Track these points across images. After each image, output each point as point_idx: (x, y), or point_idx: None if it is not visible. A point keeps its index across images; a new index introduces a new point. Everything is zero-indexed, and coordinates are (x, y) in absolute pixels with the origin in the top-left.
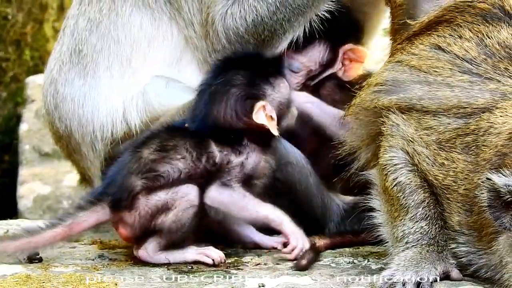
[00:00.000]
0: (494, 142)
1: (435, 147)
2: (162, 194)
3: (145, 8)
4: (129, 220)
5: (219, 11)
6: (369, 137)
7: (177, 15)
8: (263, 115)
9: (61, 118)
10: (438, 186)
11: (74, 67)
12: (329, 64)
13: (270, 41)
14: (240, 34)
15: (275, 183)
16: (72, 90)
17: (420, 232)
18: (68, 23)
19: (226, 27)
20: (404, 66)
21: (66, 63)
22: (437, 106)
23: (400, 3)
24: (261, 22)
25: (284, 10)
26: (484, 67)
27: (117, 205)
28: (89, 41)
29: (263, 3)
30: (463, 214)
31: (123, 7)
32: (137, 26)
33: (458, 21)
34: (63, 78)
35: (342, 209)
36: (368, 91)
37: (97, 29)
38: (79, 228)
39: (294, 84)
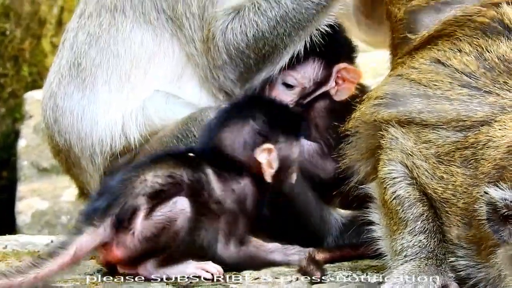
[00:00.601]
0: (493, 156)
1: (434, 161)
2: (163, 209)
3: (147, 25)
4: (128, 241)
5: (219, 27)
6: (369, 151)
7: (178, 32)
8: (265, 157)
9: (60, 131)
10: (437, 200)
11: (73, 81)
12: (323, 82)
13: (271, 56)
14: (241, 49)
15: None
16: (71, 103)
17: (419, 245)
18: (68, 36)
19: (226, 42)
20: (404, 79)
21: (65, 77)
22: (436, 120)
23: (400, 18)
24: (262, 37)
25: (285, 24)
26: (483, 80)
27: (120, 225)
28: (88, 55)
29: (264, 17)
30: (462, 228)
31: (123, 22)
32: (138, 42)
33: (457, 35)
34: (62, 91)
35: (341, 223)
36: (368, 105)
37: (97, 43)
38: (83, 253)
39: (288, 101)
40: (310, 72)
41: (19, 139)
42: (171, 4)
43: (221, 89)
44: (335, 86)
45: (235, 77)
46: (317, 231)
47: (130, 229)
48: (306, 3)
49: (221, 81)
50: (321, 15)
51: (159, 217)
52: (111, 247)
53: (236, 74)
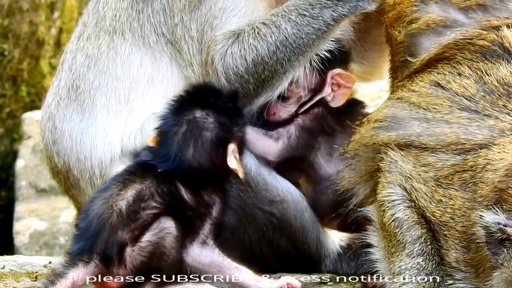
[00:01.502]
0: (491, 179)
1: (433, 184)
2: (146, 237)
3: (146, 48)
4: (121, 273)
5: (219, 51)
6: (368, 173)
7: (177, 56)
8: (234, 158)
9: (59, 153)
10: (435, 223)
11: (72, 103)
12: (318, 89)
13: (270, 81)
14: (240, 73)
15: (271, 219)
16: (70, 126)
17: (416, 268)
18: (66, 58)
19: (225, 66)
20: (404, 103)
21: (64, 99)
22: (436, 143)
23: (401, 41)
24: (261, 61)
25: (285, 50)
26: (482, 104)
27: (108, 261)
28: (87, 77)
29: (263, 42)
30: (461, 251)
31: (122, 45)
32: (137, 64)
33: (457, 58)
34: (61, 113)
35: (339, 245)
36: (368, 127)
37: (95, 66)
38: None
39: (286, 112)
40: (304, 81)
41: (17, 160)
42: (171, 28)
43: None
44: (331, 93)
45: None
46: (314, 253)
47: (120, 263)
48: (307, 28)
49: None
50: (321, 40)
51: (146, 245)
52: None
53: None
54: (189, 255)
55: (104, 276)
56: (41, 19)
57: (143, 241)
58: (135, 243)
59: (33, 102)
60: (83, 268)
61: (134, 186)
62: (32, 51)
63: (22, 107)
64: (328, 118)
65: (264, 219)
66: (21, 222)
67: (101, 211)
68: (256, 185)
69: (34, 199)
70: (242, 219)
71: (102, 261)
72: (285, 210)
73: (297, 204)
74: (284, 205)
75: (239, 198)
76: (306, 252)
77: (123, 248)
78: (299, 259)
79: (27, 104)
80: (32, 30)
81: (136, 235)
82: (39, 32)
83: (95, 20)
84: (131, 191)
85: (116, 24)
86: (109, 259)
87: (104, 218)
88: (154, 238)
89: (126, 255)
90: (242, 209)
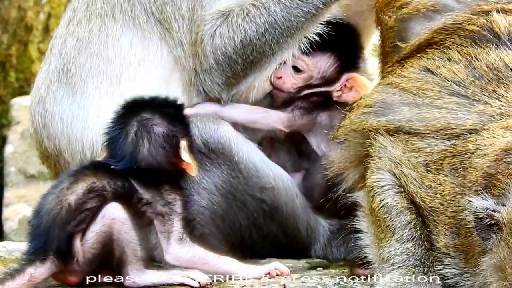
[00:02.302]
0: (481, 164)
1: (422, 169)
2: (92, 228)
3: (136, 28)
4: (76, 267)
5: (207, 31)
6: (357, 159)
7: (167, 35)
8: (186, 154)
9: (50, 137)
10: (425, 208)
11: (63, 86)
12: (330, 82)
13: (259, 63)
14: (228, 54)
15: (262, 206)
16: (61, 109)
17: (406, 253)
18: (56, 42)
19: (214, 46)
20: (394, 88)
21: (54, 82)
22: (425, 128)
23: (391, 26)
24: (249, 43)
25: (273, 32)
26: (472, 89)
27: (63, 257)
28: (78, 61)
29: (252, 24)
30: (450, 236)
31: (113, 27)
32: (128, 45)
33: (447, 43)
34: (51, 97)
35: (329, 231)
36: (357, 113)
37: (87, 49)
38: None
39: (292, 84)
40: (322, 65)
41: (6, 145)
42: (160, 6)
43: (208, 93)
44: (339, 91)
45: (222, 81)
46: (305, 239)
47: (73, 257)
48: (296, 11)
49: (208, 85)
50: (310, 23)
51: (93, 237)
52: (65, 275)
53: (223, 79)
54: (169, 254)
55: (63, 270)
56: (30, 4)
57: (89, 232)
58: (84, 237)
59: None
60: (40, 265)
61: (85, 180)
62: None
63: (11, 92)
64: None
65: (255, 205)
66: (10, 208)
67: (51, 206)
68: (247, 172)
69: (23, 185)
70: (232, 206)
71: (57, 257)
72: (276, 197)
73: (288, 190)
74: (275, 192)
75: (230, 185)
76: (297, 238)
77: (73, 243)
78: (289, 245)
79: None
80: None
81: (83, 228)
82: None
83: (85, 4)
84: (82, 184)
85: (107, 7)
86: (64, 254)
87: (54, 214)
88: (100, 227)
89: (77, 250)
90: (233, 195)
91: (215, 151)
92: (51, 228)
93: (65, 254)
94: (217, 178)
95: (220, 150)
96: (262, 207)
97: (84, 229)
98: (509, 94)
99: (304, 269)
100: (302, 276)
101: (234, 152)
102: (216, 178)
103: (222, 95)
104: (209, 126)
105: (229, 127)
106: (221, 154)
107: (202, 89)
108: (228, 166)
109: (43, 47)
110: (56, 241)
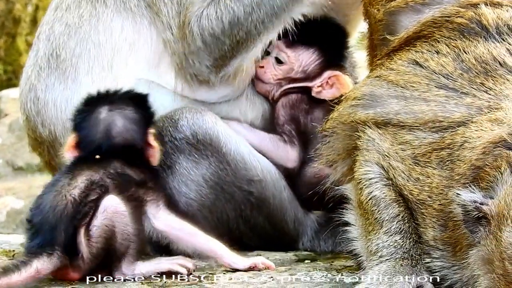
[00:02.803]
0: (469, 157)
1: (410, 162)
2: (96, 222)
3: (127, 12)
4: (81, 263)
5: (195, 12)
6: (346, 151)
7: (156, 19)
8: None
9: (44, 123)
10: (413, 201)
11: (53, 72)
12: (310, 77)
13: (245, 43)
14: (215, 35)
15: (249, 198)
16: (54, 95)
17: (394, 245)
18: (43, 29)
19: (201, 27)
20: (382, 81)
21: (44, 69)
22: (413, 121)
23: (380, 19)
24: (237, 23)
25: (259, 11)
26: (460, 82)
27: (71, 252)
28: (68, 46)
29: (240, 3)
30: (438, 229)
31: (104, 12)
32: (118, 30)
33: (435, 36)
34: (43, 83)
35: (316, 223)
36: (346, 105)
37: (76, 34)
38: (42, 274)
39: (272, 75)
40: (305, 59)
41: None
42: None
43: (196, 76)
44: (319, 87)
45: (209, 63)
46: (292, 231)
47: (78, 252)
48: None
49: (196, 68)
50: (295, 3)
51: (96, 231)
52: (68, 271)
53: (211, 60)
54: (159, 219)
55: (67, 266)
56: None
57: (92, 226)
58: (88, 232)
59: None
60: (47, 259)
61: (83, 174)
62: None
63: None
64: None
65: (242, 197)
66: None
67: (55, 203)
68: (235, 164)
69: (11, 177)
70: (220, 198)
71: (64, 253)
72: (263, 189)
73: (275, 182)
74: (263, 184)
75: (218, 177)
76: (284, 230)
77: (78, 238)
78: (276, 237)
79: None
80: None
81: (87, 221)
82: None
83: None
84: (82, 178)
85: None
86: (71, 250)
87: (60, 209)
88: (101, 221)
89: (82, 245)
90: (220, 187)
91: (203, 142)
92: (58, 223)
93: (72, 249)
94: (205, 170)
95: (208, 142)
96: (250, 199)
97: (88, 222)
98: (497, 87)
99: (292, 262)
100: (290, 268)
101: (222, 143)
102: (204, 169)
103: (211, 77)
104: (198, 117)
105: (218, 119)
106: (209, 146)
107: (192, 73)
108: (216, 158)
109: (31, 39)
110: (63, 235)
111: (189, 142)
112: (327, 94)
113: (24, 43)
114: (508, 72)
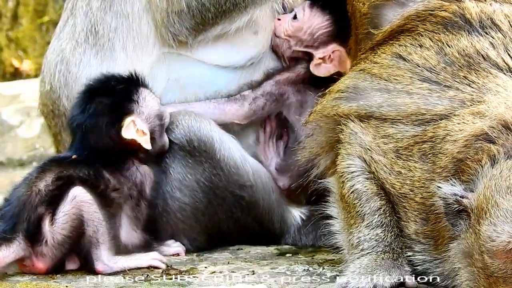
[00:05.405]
0: (450, 150)
1: (392, 156)
2: (62, 209)
3: None
4: (45, 250)
5: None
6: (329, 145)
7: None
8: (134, 130)
9: (70, 96)
10: (395, 195)
11: (91, 48)
12: (315, 45)
13: (230, 14)
14: (202, 1)
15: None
16: (89, 71)
17: (375, 239)
18: (79, 5)
19: None
20: (366, 74)
21: (81, 44)
22: (396, 113)
23: (365, 12)
24: None
25: None
26: (443, 75)
27: (31, 237)
28: (105, 21)
29: None
30: (420, 223)
31: None
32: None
33: (419, 30)
34: (78, 58)
35: (299, 219)
36: (329, 98)
37: (111, 8)
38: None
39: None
40: (316, 22)
41: None
42: None
43: (175, 36)
44: (321, 58)
45: (190, 26)
46: (277, 230)
47: (41, 239)
48: None
49: (176, 28)
50: None
51: (63, 217)
52: (32, 260)
53: (192, 23)
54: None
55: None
56: None
57: (58, 213)
58: (53, 219)
59: None
60: (6, 246)
61: (53, 170)
62: None
63: None
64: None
65: (234, 201)
66: None
67: (21, 193)
68: (228, 169)
69: None
70: (213, 202)
71: (25, 238)
72: (254, 193)
73: (265, 186)
74: (254, 189)
75: (211, 182)
76: (270, 229)
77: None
78: (261, 235)
79: None
80: None
81: (52, 210)
82: None
83: None
84: (50, 173)
85: None
86: (32, 235)
87: (23, 199)
88: (69, 209)
89: (46, 231)
90: (213, 192)
91: (198, 149)
92: (21, 212)
93: (34, 234)
94: (199, 175)
95: (203, 148)
96: (241, 203)
97: (53, 211)
98: (480, 80)
99: (273, 256)
100: (271, 262)
101: (217, 150)
102: (199, 175)
103: (189, 39)
104: (192, 124)
105: (213, 125)
106: (204, 152)
107: (171, 31)
108: (210, 164)
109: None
110: (25, 223)
111: (184, 149)
112: (324, 70)
113: (5, 38)
114: (491, 65)
